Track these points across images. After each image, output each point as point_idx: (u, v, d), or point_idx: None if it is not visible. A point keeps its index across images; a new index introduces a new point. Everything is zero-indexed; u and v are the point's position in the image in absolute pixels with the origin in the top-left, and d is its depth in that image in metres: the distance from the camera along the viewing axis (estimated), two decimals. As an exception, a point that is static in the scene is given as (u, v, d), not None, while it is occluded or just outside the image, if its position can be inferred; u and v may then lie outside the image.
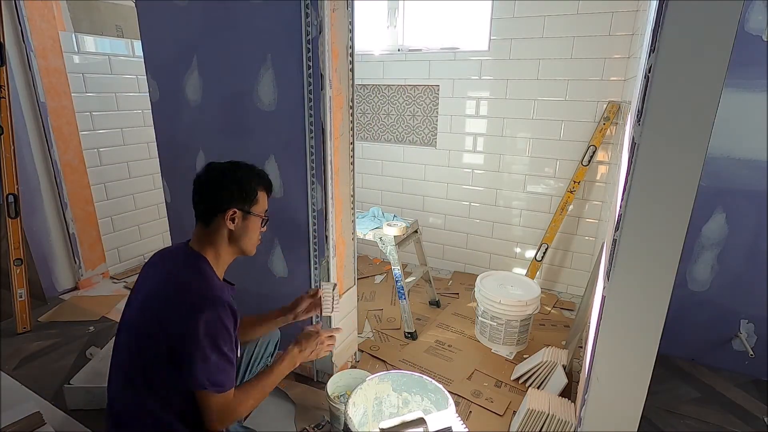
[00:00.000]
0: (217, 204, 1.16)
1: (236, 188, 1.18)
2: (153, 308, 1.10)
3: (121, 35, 2.91)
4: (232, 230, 1.18)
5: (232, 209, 1.17)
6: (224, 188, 1.17)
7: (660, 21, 0.95)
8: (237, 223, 1.18)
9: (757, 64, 1.72)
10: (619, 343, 1.19)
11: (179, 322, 1.05)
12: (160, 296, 1.11)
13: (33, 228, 2.49)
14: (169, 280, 1.13)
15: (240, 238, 1.21)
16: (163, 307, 1.08)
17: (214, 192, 1.17)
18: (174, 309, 1.06)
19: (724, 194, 1.88)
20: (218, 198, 1.17)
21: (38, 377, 1.96)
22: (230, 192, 1.17)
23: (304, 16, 1.51)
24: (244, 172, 1.21)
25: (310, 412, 1.77)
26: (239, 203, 1.18)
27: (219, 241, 1.19)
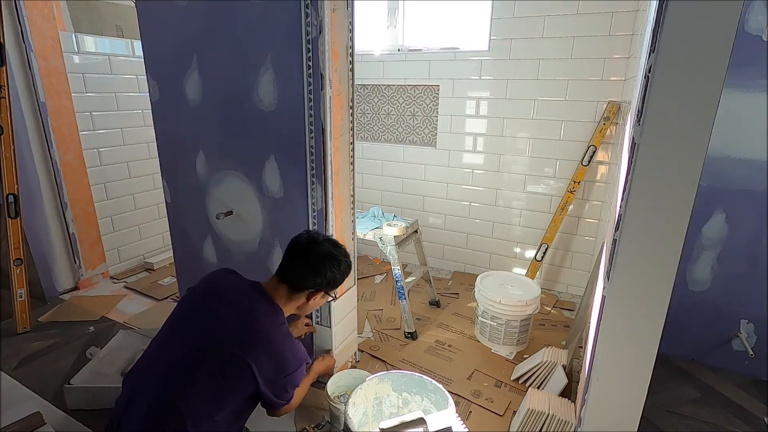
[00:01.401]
0: (312, 285, 1.35)
1: (333, 279, 1.36)
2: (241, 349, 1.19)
3: (121, 35, 2.91)
4: (307, 303, 1.38)
5: (322, 293, 1.38)
6: (324, 276, 1.34)
7: (660, 21, 0.95)
8: (315, 301, 1.39)
9: (757, 64, 1.72)
10: (619, 343, 1.19)
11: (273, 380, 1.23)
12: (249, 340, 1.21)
13: (33, 228, 2.49)
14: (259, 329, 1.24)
15: (308, 309, 1.42)
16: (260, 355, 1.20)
17: (314, 275, 1.33)
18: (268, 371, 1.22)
19: (724, 194, 1.88)
20: (315, 281, 1.34)
21: (38, 377, 1.96)
22: (327, 281, 1.35)
23: (304, 16, 1.51)
24: (344, 266, 1.39)
25: (310, 412, 1.77)
26: (327, 288, 1.38)
27: (292, 304, 1.37)
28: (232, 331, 1.22)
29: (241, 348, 1.19)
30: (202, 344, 1.20)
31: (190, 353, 1.19)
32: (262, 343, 1.22)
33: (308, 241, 1.37)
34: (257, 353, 1.20)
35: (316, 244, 1.37)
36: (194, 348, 1.20)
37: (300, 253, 1.35)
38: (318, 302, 1.41)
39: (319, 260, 1.34)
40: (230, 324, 1.23)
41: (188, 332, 1.25)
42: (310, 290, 1.35)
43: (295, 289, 1.35)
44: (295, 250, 1.36)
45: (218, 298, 1.29)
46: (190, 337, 1.23)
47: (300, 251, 1.36)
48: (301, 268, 1.34)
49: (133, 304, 2.64)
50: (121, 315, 2.51)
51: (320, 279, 1.34)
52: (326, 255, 1.35)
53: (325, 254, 1.35)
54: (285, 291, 1.34)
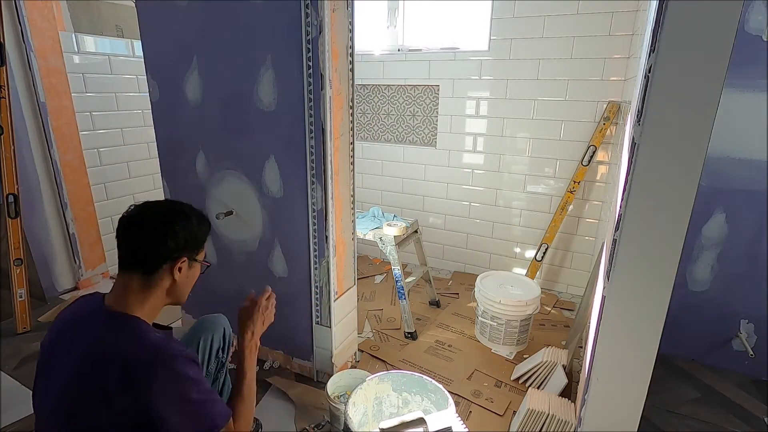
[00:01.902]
0: (168, 251, 1.02)
1: (189, 235, 1.06)
2: (89, 393, 0.90)
3: (121, 35, 2.91)
4: (175, 281, 1.05)
5: (183, 258, 1.05)
6: (176, 234, 1.03)
7: (660, 21, 0.95)
8: (183, 273, 1.05)
9: (757, 64, 1.72)
10: (619, 343, 1.19)
11: (139, 402, 0.88)
12: (99, 373, 0.90)
13: (33, 228, 2.49)
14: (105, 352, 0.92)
15: (180, 288, 1.07)
16: (110, 390, 0.88)
17: (164, 238, 1.01)
18: (127, 390, 0.88)
19: (724, 194, 1.88)
20: (169, 245, 1.02)
21: (38, 377, 1.96)
22: (183, 239, 1.04)
23: (304, 16, 1.51)
24: (195, 217, 1.10)
25: (310, 412, 1.77)
26: (189, 252, 1.07)
27: (157, 294, 1.03)
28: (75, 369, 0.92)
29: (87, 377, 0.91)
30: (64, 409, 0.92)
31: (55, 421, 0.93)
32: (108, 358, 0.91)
33: (138, 210, 1.05)
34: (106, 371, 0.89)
35: (149, 209, 1.05)
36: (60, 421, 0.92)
37: (134, 227, 1.02)
38: (189, 275, 1.09)
39: (160, 222, 1.03)
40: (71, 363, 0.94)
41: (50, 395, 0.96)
42: (168, 262, 1.02)
43: (150, 272, 1.01)
44: (126, 226, 1.02)
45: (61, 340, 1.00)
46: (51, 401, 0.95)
47: (132, 224, 1.02)
48: (141, 241, 1.01)
49: (133, 304, 2.63)
50: (121, 315, 2.50)
51: (172, 242, 1.02)
52: (166, 213, 1.06)
53: (164, 213, 1.06)
54: (138, 284, 1.00)
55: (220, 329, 1.42)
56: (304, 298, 1.87)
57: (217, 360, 1.40)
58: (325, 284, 1.80)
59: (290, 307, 1.92)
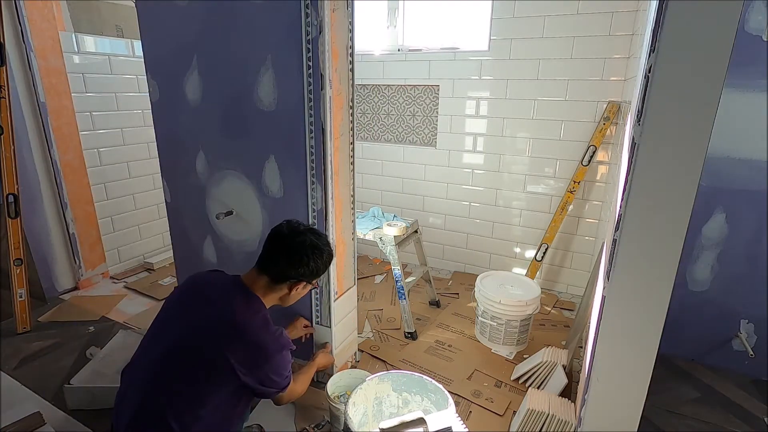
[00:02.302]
0: (293, 276, 1.32)
1: (315, 269, 1.33)
2: (217, 342, 1.19)
3: (121, 35, 2.91)
4: (290, 294, 1.36)
5: (304, 283, 1.35)
6: (306, 265, 1.31)
7: (660, 21, 0.95)
8: (298, 291, 1.36)
9: (757, 64, 1.72)
10: (619, 343, 1.19)
11: (252, 368, 1.21)
12: (225, 333, 1.21)
13: (33, 228, 2.49)
14: (236, 320, 1.22)
15: (291, 300, 1.39)
16: (236, 346, 1.19)
17: (296, 265, 1.30)
18: (247, 359, 1.20)
19: (724, 194, 1.88)
20: (297, 271, 1.31)
21: (38, 377, 1.96)
22: (309, 271, 1.32)
23: (304, 16, 1.51)
24: (326, 255, 1.36)
25: (310, 412, 1.77)
26: (309, 278, 1.35)
27: (274, 296, 1.35)
28: (207, 325, 1.22)
29: (215, 340, 1.19)
30: (179, 343, 1.21)
31: (169, 353, 1.20)
32: (237, 332, 1.21)
33: (289, 232, 1.33)
34: (232, 344, 1.19)
35: (298, 234, 1.33)
36: (173, 347, 1.21)
37: (281, 245, 1.32)
38: (300, 293, 1.39)
39: (301, 251, 1.31)
40: (206, 319, 1.23)
41: (168, 332, 1.25)
42: (291, 281, 1.33)
43: (276, 281, 1.32)
44: (276, 241, 1.33)
45: (197, 297, 1.30)
46: (169, 336, 1.24)
47: (281, 242, 1.32)
48: (282, 259, 1.31)
49: (133, 304, 2.64)
50: (121, 315, 2.51)
51: (303, 270, 1.31)
52: (308, 246, 1.32)
53: (307, 245, 1.32)
54: (265, 282, 1.32)
55: None
56: (304, 298, 1.86)
57: None
58: (325, 284, 1.80)
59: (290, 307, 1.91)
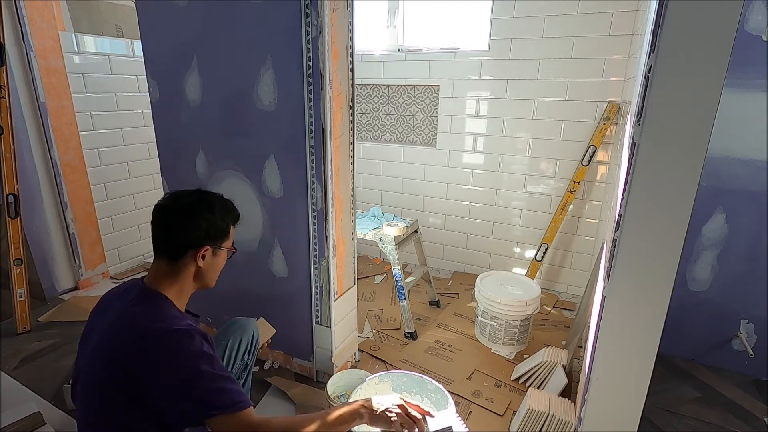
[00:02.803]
0: (190, 241, 1.09)
1: (211, 225, 1.12)
2: (112, 357, 0.97)
3: (121, 35, 2.90)
4: (200, 267, 1.12)
5: (206, 247, 1.11)
6: (198, 225, 1.10)
7: (660, 21, 0.95)
8: (207, 260, 1.13)
9: (757, 64, 1.72)
10: (619, 343, 1.19)
11: (153, 365, 0.95)
12: (118, 342, 0.98)
13: (33, 228, 2.49)
14: (126, 323, 1.01)
15: (206, 274, 1.14)
16: (128, 354, 0.96)
17: (186, 228, 1.09)
18: (143, 354, 0.95)
19: (724, 194, 1.88)
20: (191, 235, 1.09)
21: (38, 377, 1.96)
22: (205, 229, 1.11)
23: (304, 16, 1.51)
24: (219, 209, 1.15)
25: (311, 412, 1.77)
26: (212, 240, 1.12)
27: (184, 278, 1.11)
28: (101, 351, 1.00)
29: (109, 364, 0.97)
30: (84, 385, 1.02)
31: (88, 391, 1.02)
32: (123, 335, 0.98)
33: (170, 200, 1.13)
34: (128, 360, 0.95)
35: (180, 198, 1.14)
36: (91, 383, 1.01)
37: (164, 215, 1.11)
38: (213, 262, 1.15)
39: (185, 212, 1.10)
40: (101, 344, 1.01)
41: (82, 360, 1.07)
42: (191, 250, 1.09)
43: (175, 257, 1.09)
44: (159, 214, 1.11)
45: (106, 313, 1.09)
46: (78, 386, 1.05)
47: (164, 213, 1.11)
48: (171, 230, 1.10)
49: (133, 304, 2.63)
50: (121, 315, 2.50)
51: (197, 232, 1.09)
52: (194, 203, 1.12)
53: (189, 204, 1.12)
54: (165, 267, 1.09)
55: (249, 333, 1.46)
56: (304, 298, 1.87)
57: (242, 362, 1.45)
58: (325, 284, 1.80)
59: (290, 307, 1.92)
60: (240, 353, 1.43)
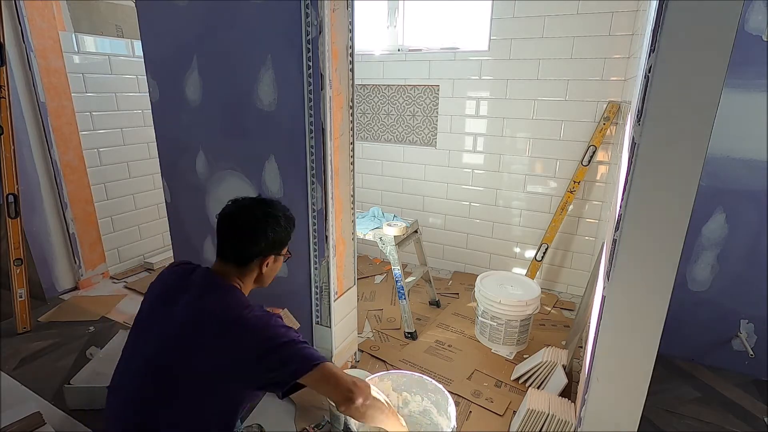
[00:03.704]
0: (258, 252, 1.19)
1: (277, 237, 1.21)
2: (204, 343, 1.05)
3: (121, 35, 2.91)
4: (262, 272, 1.24)
5: (272, 256, 1.23)
6: (267, 238, 1.19)
7: (660, 21, 0.95)
8: (269, 266, 1.24)
9: (757, 64, 1.72)
10: (619, 343, 1.19)
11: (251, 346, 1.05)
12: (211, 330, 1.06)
13: (33, 228, 2.49)
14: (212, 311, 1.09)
15: (266, 277, 1.27)
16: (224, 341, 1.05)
17: (256, 241, 1.18)
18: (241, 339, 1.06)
19: (724, 194, 1.88)
20: (260, 247, 1.19)
21: (38, 377, 1.96)
22: (272, 241, 1.20)
23: (304, 16, 1.51)
24: (283, 220, 1.23)
25: (310, 412, 1.77)
26: (275, 251, 1.23)
27: (248, 280, 1.23)
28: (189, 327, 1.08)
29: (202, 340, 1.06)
30: (166, 360, 1.07)
31: (157, 373, 1.06)
32: (224, 323, 1.07)
33: (235, 210, 1.21)
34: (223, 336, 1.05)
35: (245, 209, 1.21)
36: (160, 367, 1.07)
37: (230, 226, 1.19)
38: (274, 267, 1.27)
39: (255, 225, 1.18)
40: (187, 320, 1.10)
41: (150, 345, 1.11)
42: (257, 258, 1.20)
43: (243, 264, 1.19)
44: (226, 224, 1.20)
45: (168, 300, 1.16)
46: (151, 350, 1.10)
47: (229, 224, 1.19)
48: (236, 240, 1.19)
49: (133, 304, 2.63)
50: (121, 315, 2.51)
51: (264, 244, 1.19)
52: (261, 217, 1.19)
53: (257, 217, 1.19)
54: (233, 270, 1.19)
55: None
56: (304, 298, 1.87)
57: None
58: (325, 284, 1.80)
59: (290, 307, 1.92)
60: None
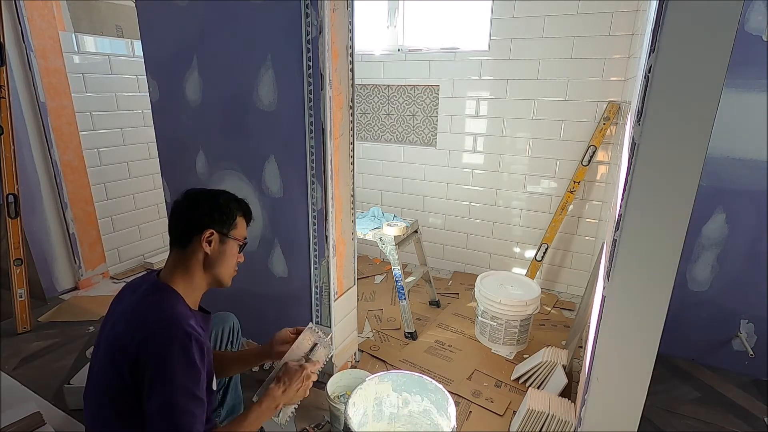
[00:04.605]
0: (194, 224, 1.12)
1: (215, 209, 1.15)
2: (117, 344, 1.01)
3: (121, 35, 2.91)
4: (207, 254, 1.13)
5: (210, 230, 1.12)
6: (202, 209, 1.14)
7: (660, 21, 0.95)
8: (214, 247, 1.13)
9: (757, 64, 1.72)
10: (619, 343, 1.19)
11: (145, 357, 0.97)
12: (129, 331, 1.01)
13: (33, 228, 2.49)
14: (132, 313, 1.05)
15: (216, 263, 1.15)
16: (128, 343, 0.99)
17: (191, 212, 1.13)
18: (139, 345, 0.97)
19: (724, 194, 1.88)
20: (195, 218, 1.13)
21: (38, 377, 1.96)
22: (209, 213, 1.14)
23: (304, 16, 1.51)
24: (223, 197, 1.19)
25: (310, 412, 1.77)
26: (217, 225, 1.14)
27: (194, 267, 1.13)
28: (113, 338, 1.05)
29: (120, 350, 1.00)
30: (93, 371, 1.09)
31: (91, 385, 1.09)
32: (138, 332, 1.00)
33: (183, 196, 1.18)
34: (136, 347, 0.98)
35: (192, 194, 1.19)
36: (92, 378, 1.09)
37: (176, 209, 1.17)
38: (224, 251, 1.16)
39: (192, 203, 1.16)
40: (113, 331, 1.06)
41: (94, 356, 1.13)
42: (196, 233, 1.12)
43: (184, 245, 1.12)
44: (173, 209, 1.17)
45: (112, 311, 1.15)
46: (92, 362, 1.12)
47: (175, 207, 1.17)
48: (180, 220, 1.14)
49: (133, 304, 2.63)
50: (121, 315, 2.51)
51: (202, 218, 1.13)
52: (195, 194, 1.18)
53: (194, 194, 1.18)
54: (176, 257, 1.13)
55: (229, 324, 1.53)
56: (304, 298, 1.87)
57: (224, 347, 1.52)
58: (325, 284, 1.80)
59: (290, 307, 1.92)
60: (222, 344, 1.51)
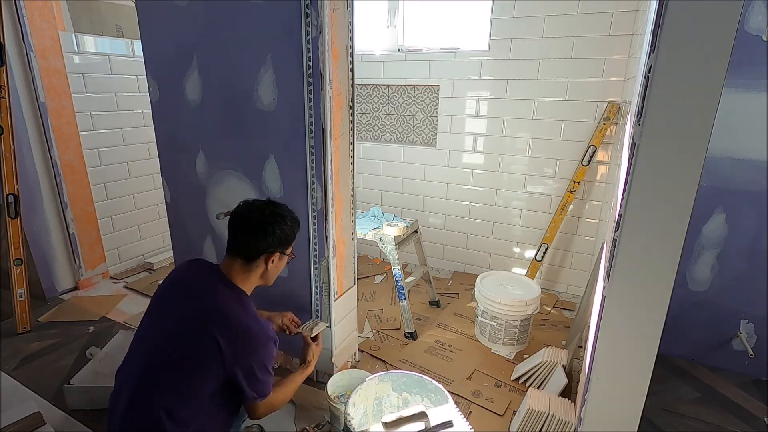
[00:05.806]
0: (264, 247, 1.31)
1: (283, 236, 1.34)
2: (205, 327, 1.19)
3: (121, 35, 2.91)
4: (267, 269, 1.35)
5: (276, 253, 1.34)
6: (273, 234, 1.31)
7: (660, 21, 0.95)
8: (274, 263, 1.36)
9: (757, 64, 1.72)
10: (619, 343, 1.19)
11: (241, 355, 1.20)
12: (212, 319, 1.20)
13: (33, 228, 2.49)
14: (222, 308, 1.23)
15: (271, 274, 1.38)
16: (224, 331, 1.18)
17: (263, 236, 1.30)
18: (235, 344, 1.19)
19: (724, 194, 1.88)
20: (265, 242, 1.31)
21: (38, 377, 1.96)
22: (278, 241, 1.33)
23: (304, 16, 1.51)
24: (289, 220, 1.36)
25: (310, 412, 1.77)
26: (281, 248, 1.35)
27: (254, 277, 1.35)
28: (193, 315, 1.22)
29: (202, 327, 1.19)
30: (165, 336, 1.23)
31: (156, 347, 1.22)
32: (224, 319, 1.21)
33: (247, 209, 1.35)
34: (219, 329, 1.18)
35: (256, 209, 1.35)
36: (159, 341, 1.23)
37: (241, 223, 1.33)
38: (279, 265, 1.39)
39: (262, 222, 1.31)
40: (191, 310, 1.24)
41: (155, 328, 1.27)
42: (264, 254, 1.32)
43: (250, 259, 1.32)
44: (237, 221, 1.34)
45: (180, 290, 1.31)
46: (156, 331, 1.26)
47: (240, 221, 1.33)
48: (246, 235, 1.32)
49: (133, 304, 2.64)
50: (121, 315, 2.51)
51: (270, 239, 1.31)
52: (269, 216, 1.33)
53: (266, 215, 1.33)
54: (240, 265, 1.32)
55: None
56: (304, 298, 1.87)
57: None
58: (325, 284, 1.81)
59: (290, 307, 1.91)
60: None
